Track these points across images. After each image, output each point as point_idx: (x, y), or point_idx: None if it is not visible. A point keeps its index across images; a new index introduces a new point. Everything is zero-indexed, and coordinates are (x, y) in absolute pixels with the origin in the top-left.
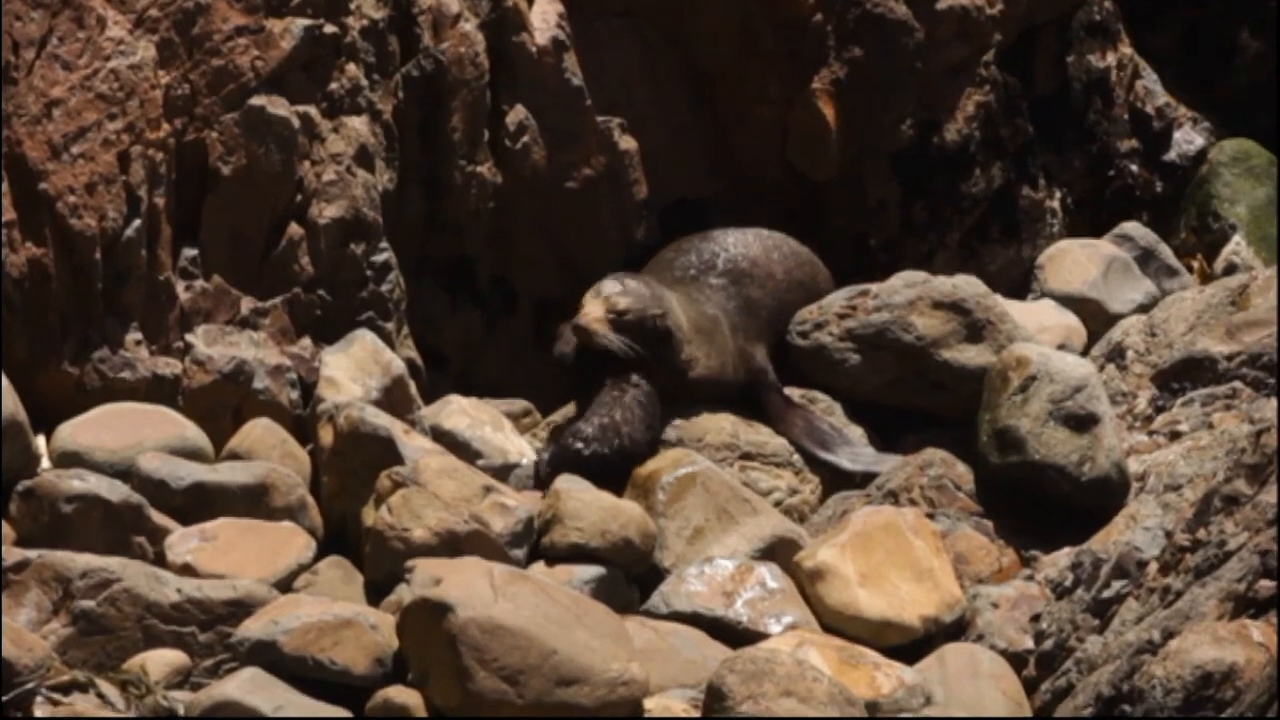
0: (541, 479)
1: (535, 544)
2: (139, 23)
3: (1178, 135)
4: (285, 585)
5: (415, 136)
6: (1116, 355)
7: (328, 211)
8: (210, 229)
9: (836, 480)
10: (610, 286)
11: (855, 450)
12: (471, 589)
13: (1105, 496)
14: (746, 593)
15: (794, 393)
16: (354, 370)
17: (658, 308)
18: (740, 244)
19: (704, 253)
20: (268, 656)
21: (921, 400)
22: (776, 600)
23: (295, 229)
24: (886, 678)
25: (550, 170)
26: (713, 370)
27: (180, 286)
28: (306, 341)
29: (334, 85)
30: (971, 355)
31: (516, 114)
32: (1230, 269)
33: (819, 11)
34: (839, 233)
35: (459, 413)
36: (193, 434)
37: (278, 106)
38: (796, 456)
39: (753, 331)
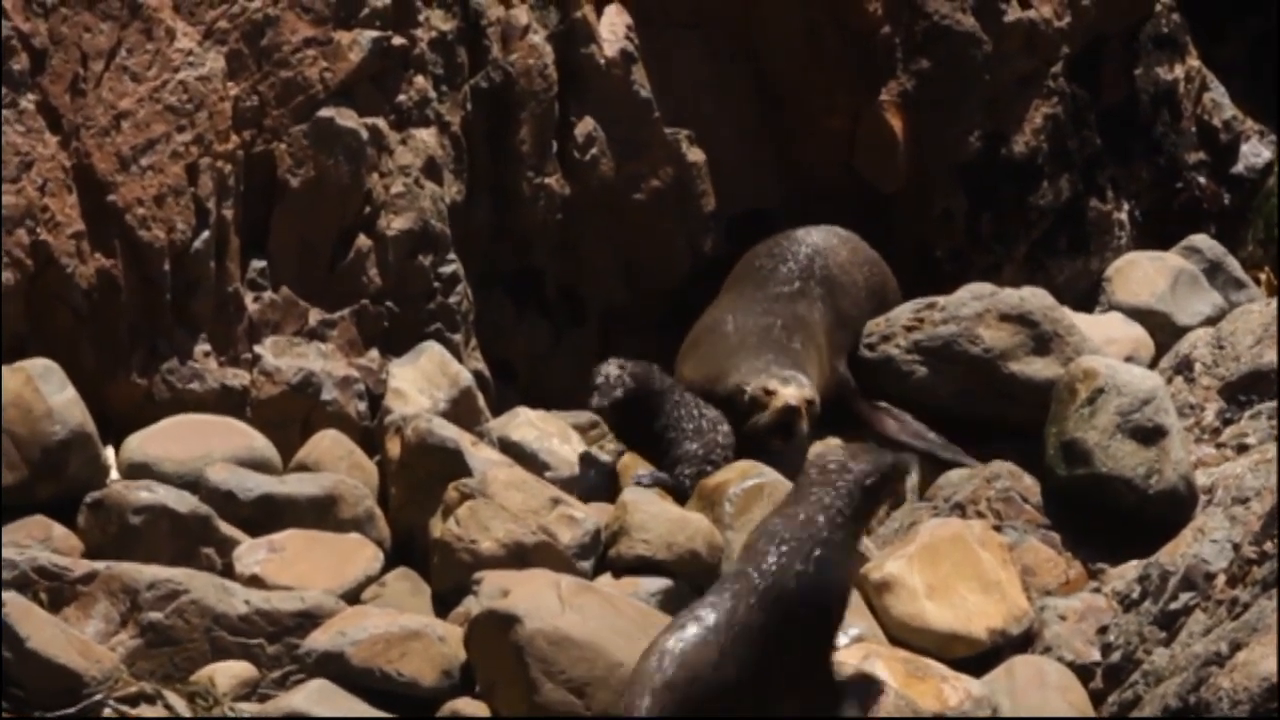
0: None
1: (602, 556)
2: (208, 34)
3: (1245, 148)
4: (353, 597)
5: (483, 148)
6: (1184, 368)
7: (396, 223)
8: (279, 241)
9: (935, 467)
10: (800, 380)
11: (944, 442)
12: (539, 600)
13: (1173, 509)
14: None
15: None
16: (422, 382)
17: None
18: (829, 248)
19: (799, 257)
20: (335, 668)
21: (988, 412)
22: None
23: (363, 241)
24: (953, 690)
25: (618, 181)
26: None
27: (249, 298)
28: (374, 353)
29: (402, 97)
30: (1039, 368)
31: (585, 125)
32: None
33: (887, 23)
34: (905, 244)
35: (526, 424)
36: (261, 445)
37: (346, 118)
38: None
39: (840, 344)
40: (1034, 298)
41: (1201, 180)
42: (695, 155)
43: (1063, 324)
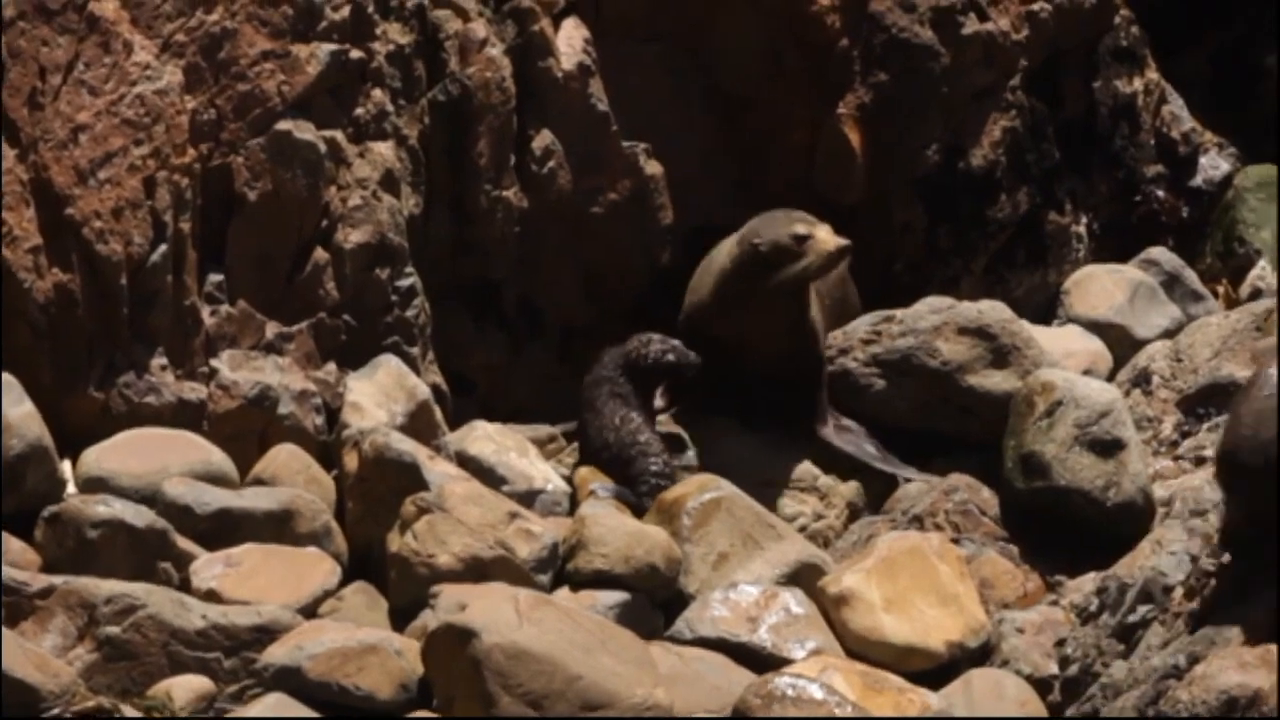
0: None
1: (561, 569)
2: (165, 47)
3: (1204, 161)
4: (310, 611)
5: (441, 161)
6: (1142, 380)
7: (353, 237)
8: (236, 254)
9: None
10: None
11: (884, 454)
12: (496, 614)
13: (1130, 522)
14: (770, 618)
15: None
16: (379, 396)
17: None
18: None
19: None
20: (292, 682)
21: (947, 425)
22: (800, 625)
23: (321, 254)
24: (911, 703)
25: (576, 195)
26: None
27: (206, 311)
28: (331, 367)
29: (360, 110)
30: (997, 381)
31: (543, 139)
32: (1255, 294)
33: (845, 36)
34: (865, 257)
35: (484, 438)
36: (218, 459)
37: (304, 131)
38: (822, 481)
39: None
40: (992, 311)
41: (1160, 193)
42: (653, 168)
43: (1021, 337)
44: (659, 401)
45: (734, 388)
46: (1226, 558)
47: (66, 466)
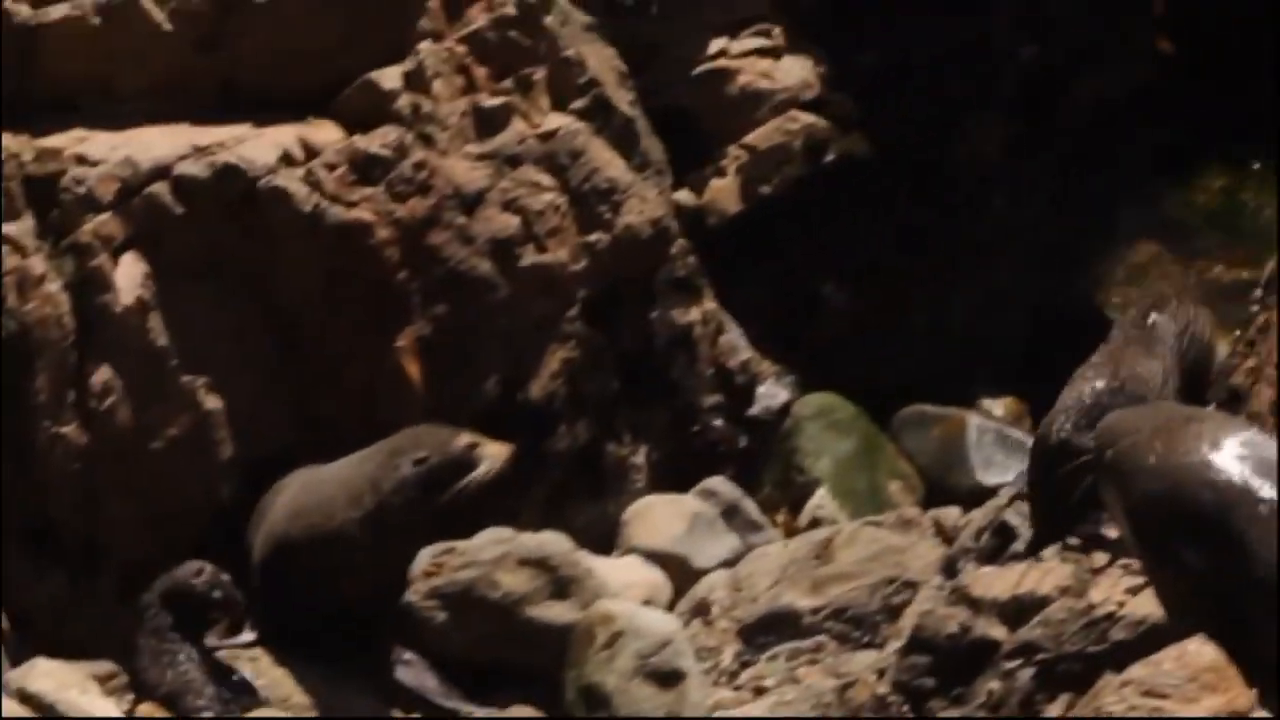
0: None
1: None
2: None
3: (761, 390)
4: None
5: None
6: (702, 610)
7: None
8: None
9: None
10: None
11: (446, 690)
12: None
13: None
14: None
15: None
16: None
17: None
18: None
19: None
20: None
21: (510, 658)
22: None
23: None
24: None
25: (136, 430)
26: None
27: None
28: None
29: None
30: (559, 612)
31: (102, 374)
32: (815, 522)
33: (404, 269)
34: None
35: (45, 675)
36: None
37: None
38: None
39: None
40: (552, 542)
41: (718, 423)
42: (213, 402)
43: (581, 568)
44: (248, 634)
45: (304, 620)
46: None
47: None
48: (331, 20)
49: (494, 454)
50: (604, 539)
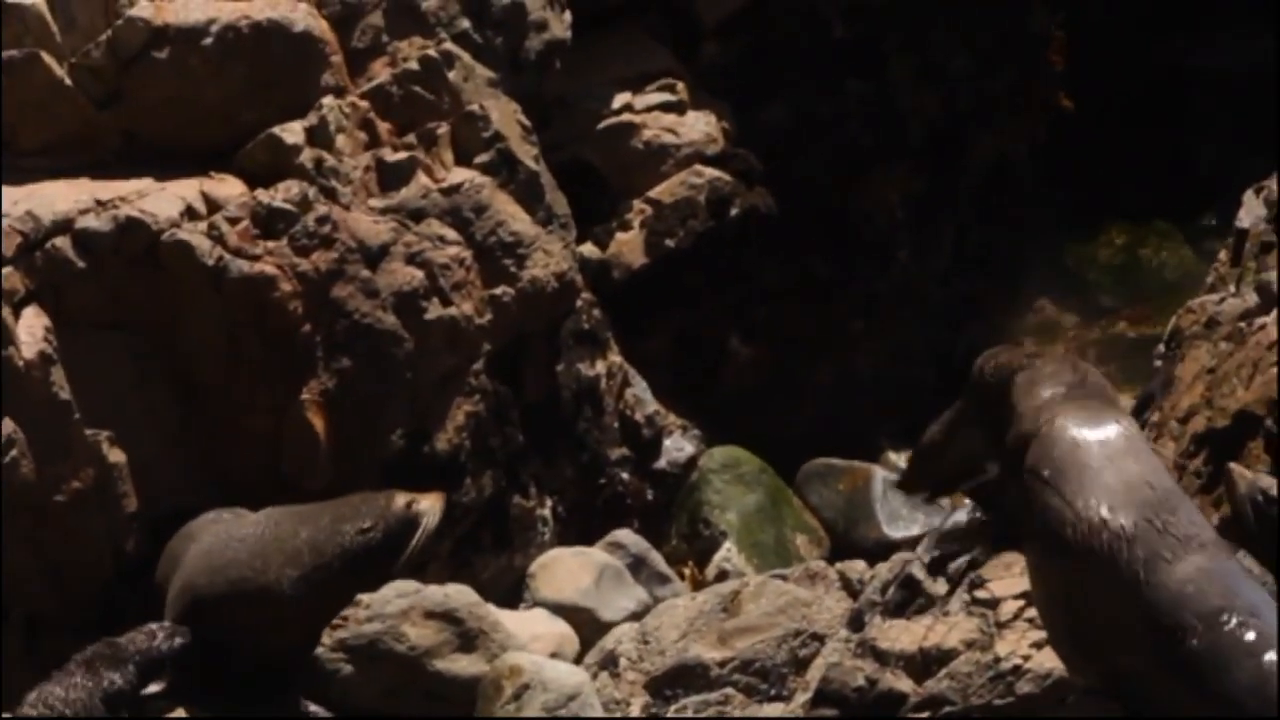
0: None
1: None
2: None
3: (668, 443)
4: None
5: None
6: (610, 663)
7: None
8: None
9: None
10: None
11: None
12: None
13: None
14: None
15: None
16: None
17: None
18: None
19: None
20: None
21: (416, 710)
22: None
23: None
24: None
25: (38, 484)
26: None
27: None
28: None
29: None
30: (465, 665)
31: (5, 428)
32: (722, 575)
33: (307, 322)
34: None
35: None
36: None
37: None
38: None
39: None
40: (458, 595)
41: (625, 476)
42: (117, 456)
43: (487, 621)
44: (155, 685)
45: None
46: None
47: None
48: (234, 74)
49: (430, 506)
50: (511, 591)
